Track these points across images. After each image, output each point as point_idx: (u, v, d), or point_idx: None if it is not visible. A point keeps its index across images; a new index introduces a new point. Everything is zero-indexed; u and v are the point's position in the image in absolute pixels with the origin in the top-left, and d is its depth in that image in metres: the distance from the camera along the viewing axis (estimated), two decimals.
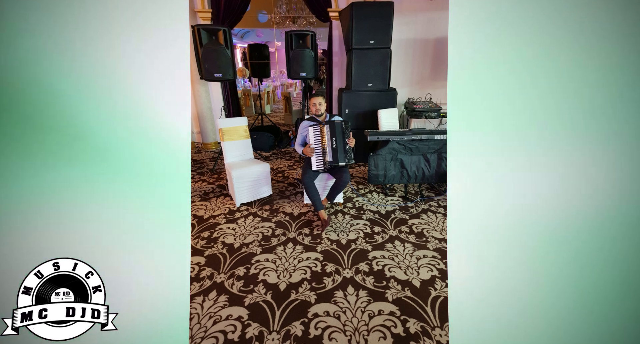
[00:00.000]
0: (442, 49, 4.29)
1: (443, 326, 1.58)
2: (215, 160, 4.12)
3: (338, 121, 2.58)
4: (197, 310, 1.68)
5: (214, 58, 3.35)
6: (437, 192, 3.22)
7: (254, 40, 11.82)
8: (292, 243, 2.33)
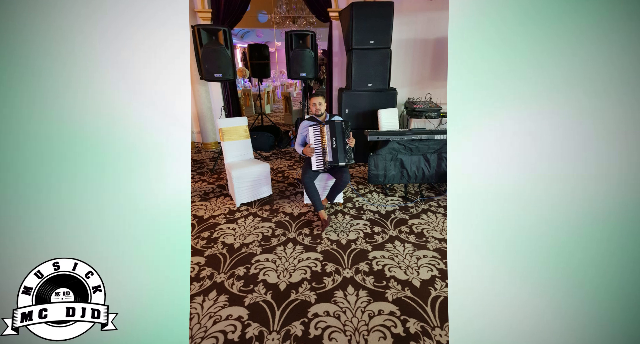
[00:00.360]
0: (442, 49, 4.29)
1: (443, 326, 1.57)
2: (215, 160, 4.12)
3: (338, 121, 2.58)
4: (197, 310, 1.68)
5: (214, 58, 3.35)
6: (437, 192, 3.22)
7: (254, 40, 11.82)
8: (292, 243, 2.33)
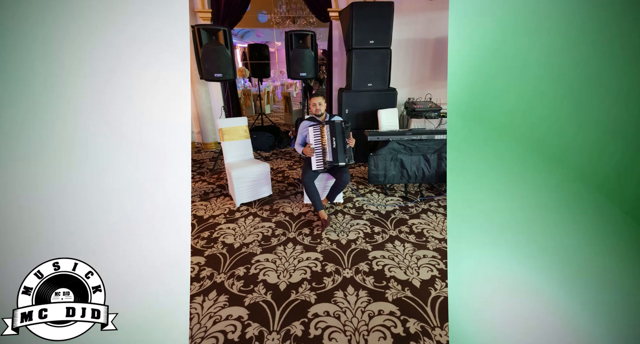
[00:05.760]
0: (442, 49, 4.29)
1: (443, 326, 1.57)
2: (215, 160, 4.12)
3: (338, 121, 2.58)
4: (197, 310, 1.68)
5: (214, 58, 3.35)
6: (437, 192, 3.22)
7: (254, 40, 11.82)
8: (292, 243, 2.33)
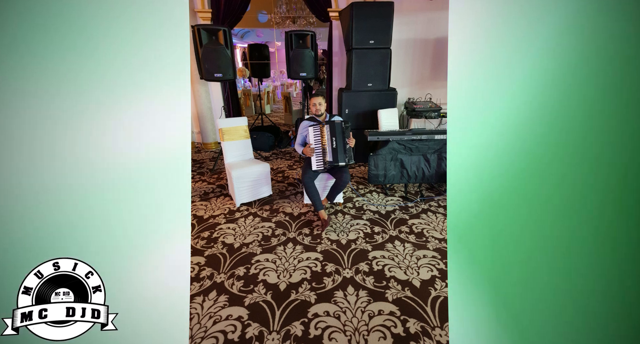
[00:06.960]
0: (442, 49, 4.29)
1: (443, 326, 1.57)
2: (215, 160, 4.12)
3: (338, 121, 2.59)
4: (197, 310, 1.68)
5: (214, 58, 3.35)
6: (437, 192, 3.22)
7: (254, 40, 11.82)
8: (292, 243, 2.33)
